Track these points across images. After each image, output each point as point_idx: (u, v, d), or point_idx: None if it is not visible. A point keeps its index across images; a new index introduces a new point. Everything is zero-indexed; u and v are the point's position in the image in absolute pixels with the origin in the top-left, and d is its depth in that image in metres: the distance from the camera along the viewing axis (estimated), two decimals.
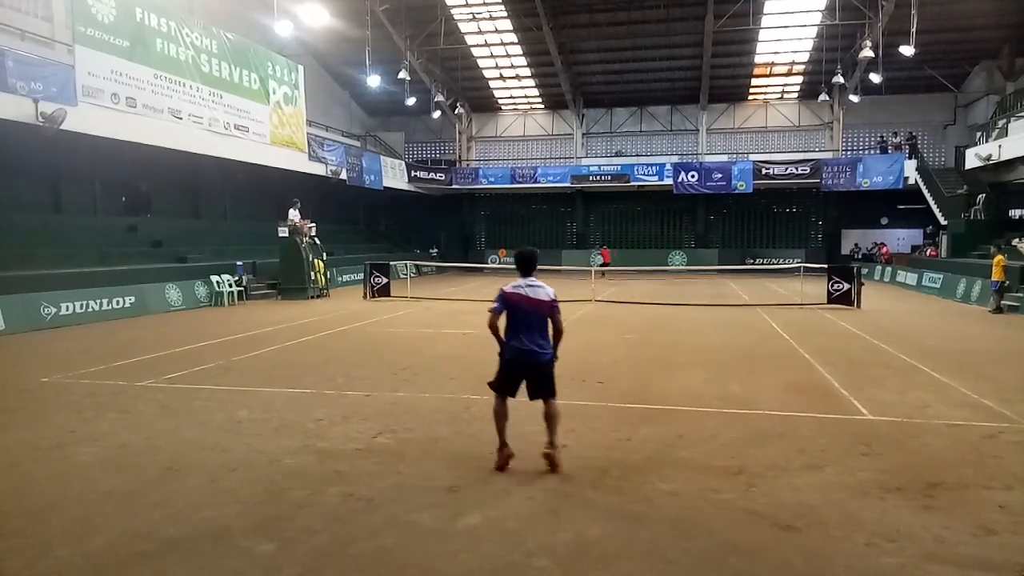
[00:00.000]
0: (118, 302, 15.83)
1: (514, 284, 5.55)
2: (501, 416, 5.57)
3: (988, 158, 24.95)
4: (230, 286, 19.07)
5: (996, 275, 16.01)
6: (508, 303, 5.50)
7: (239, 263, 19.97)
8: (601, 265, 31.86)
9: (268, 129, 22.97)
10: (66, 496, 4.91)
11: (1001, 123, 25.50)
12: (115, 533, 4.28)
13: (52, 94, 15.18)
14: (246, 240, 24.10)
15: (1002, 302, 16.08)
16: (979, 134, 27.82)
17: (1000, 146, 24.28)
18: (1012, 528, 4.33)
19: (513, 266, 5.88)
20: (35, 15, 17.32)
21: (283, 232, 20.85)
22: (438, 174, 36.02)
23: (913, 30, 23.62)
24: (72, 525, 4.41)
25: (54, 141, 15.89)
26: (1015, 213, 25.24)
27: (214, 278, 18.81)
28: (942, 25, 27.17)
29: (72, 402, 7.67)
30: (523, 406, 5.75)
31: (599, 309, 17.42)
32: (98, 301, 15.32)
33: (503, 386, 5.62)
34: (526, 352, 5.47)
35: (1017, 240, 19.82)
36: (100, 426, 6.73)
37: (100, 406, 7.47)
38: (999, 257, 16.19)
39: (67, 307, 14.54)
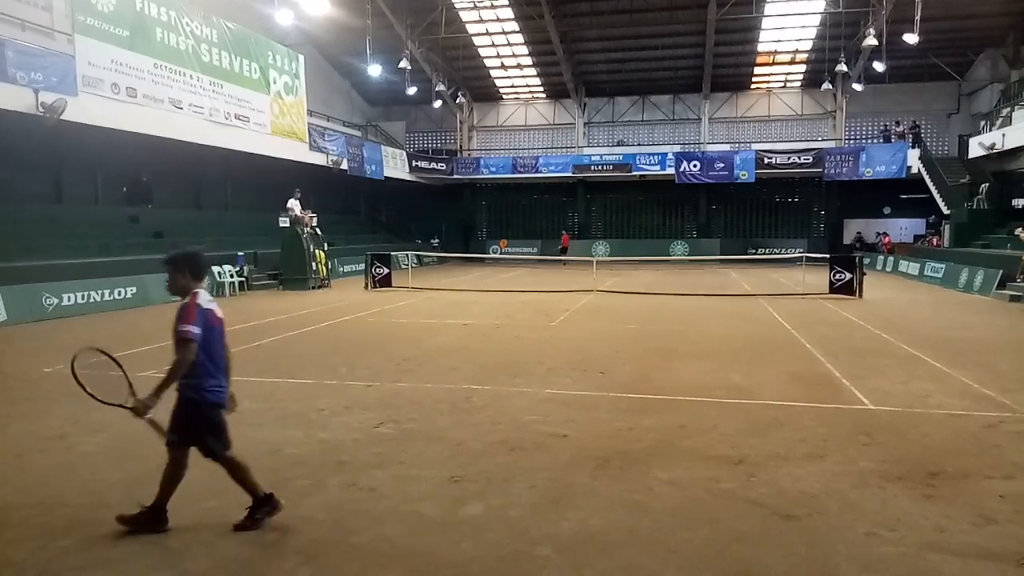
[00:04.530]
0: (120, 292, 15.85)
1: (203, 295, 4.20)
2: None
3: (992, 147, 24.87)
4: (231, 276, 19.08)
5: None
6: (208, 323, 4.19)
7: (240, 253, 19.97)
8: (560, 251, 32.40)
9: (269, 119, 22.93)
10: (71, 486, 4.94)
11: (1005, 112, 25.40)
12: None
13: (52, 84, 15.16)
14: (247, 230, 24.11)
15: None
16: (983, 123, 27.69)
17: (1004, 135, 24.19)
18: (1012, 517, 4.34)
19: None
20: (35, 5, 17.25)
21: (284, 222, 20.84)
22: (439, 164, 35.96)
23: (917, 18, 23.49)
24: (77, 515, 4.44)
25: (55, 131, 15.88)
26: (1018, 202, 25.16)
27: (215, 268, 18.80)
28: (946, 13, 26.97)
29: (75, 392, 7.60)
30: (520, 395, 5.78)
31: (600, 299, 17.41)
32: (100, 292, 15.34)
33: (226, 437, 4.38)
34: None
35: (1020, 229, 19.73)
36: (103, 416, 6.69)
37: None
38: None
39: (69, 298, 14.55)
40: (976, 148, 26.37)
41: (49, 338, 11.69)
